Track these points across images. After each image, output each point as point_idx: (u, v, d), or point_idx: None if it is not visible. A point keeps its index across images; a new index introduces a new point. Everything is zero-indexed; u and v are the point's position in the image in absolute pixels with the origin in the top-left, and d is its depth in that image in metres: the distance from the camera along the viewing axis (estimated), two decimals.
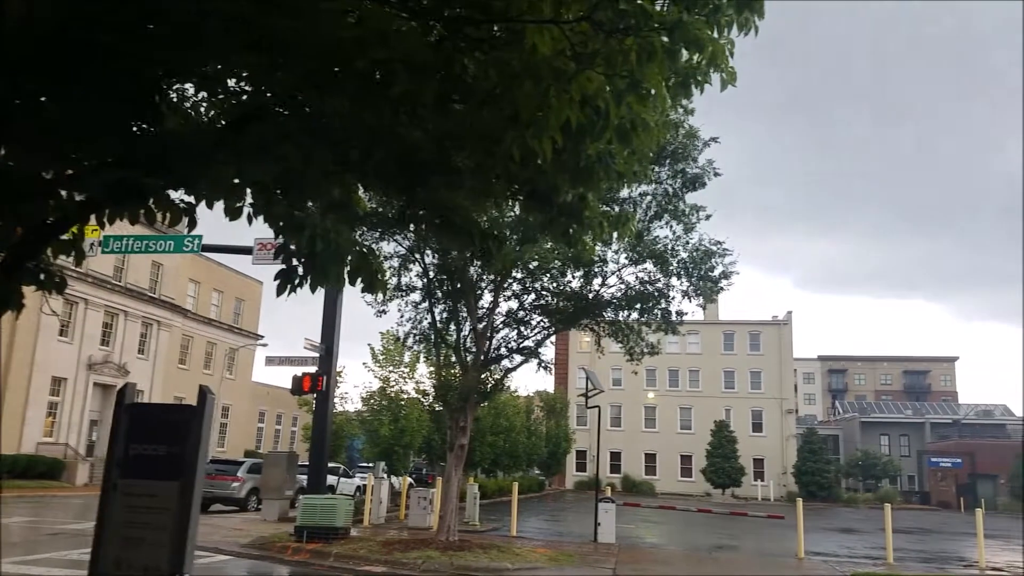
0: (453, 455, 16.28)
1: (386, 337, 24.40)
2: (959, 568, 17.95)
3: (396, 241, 16.33)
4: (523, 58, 3.03)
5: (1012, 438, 60.38)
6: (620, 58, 3.11)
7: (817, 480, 55.91)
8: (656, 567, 15.67)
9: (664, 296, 16.33)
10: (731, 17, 3.73)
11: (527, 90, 3.15)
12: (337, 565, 13.94)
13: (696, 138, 15.05)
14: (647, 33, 3.12)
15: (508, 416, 36.57)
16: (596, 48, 3.12)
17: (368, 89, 3.84)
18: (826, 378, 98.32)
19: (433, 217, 4.41)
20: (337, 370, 20.24)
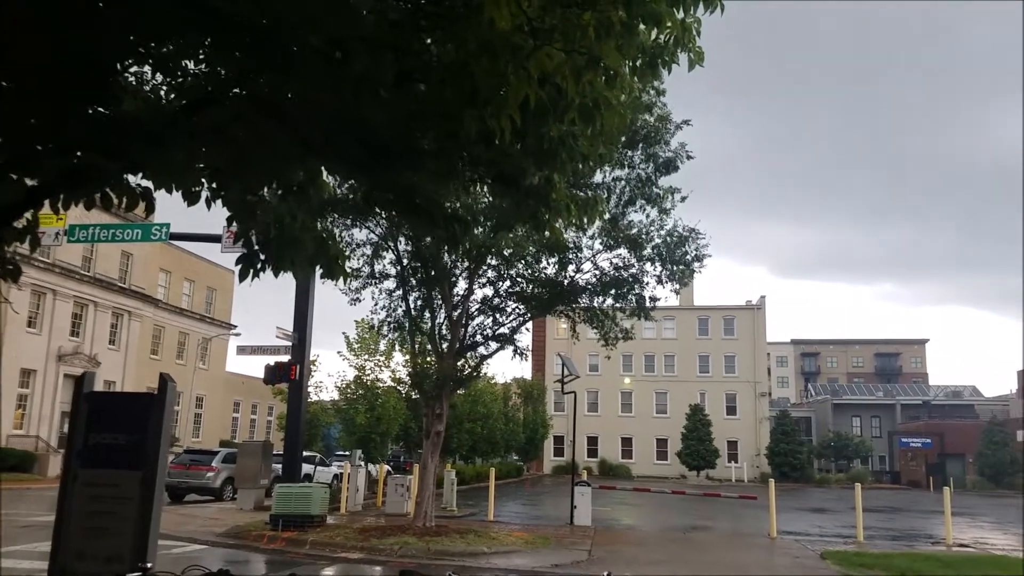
0: (429, 442, 16.26)
1: (361, 326, 24.25)
2: (927, 545, 18.29)
3: (368, 228, 16.22)
4: (480, 34, 2.98)
5: (980, 418, 61.60)
6: (578, 33, 3.07)
7: (790, 461, 56.71)
8: (631, 548, 15.80)
9: (638, 281, 16.37)
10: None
11: (484, 67, 3.10)
12: (313, 552, 13.92)
13: (668, 121, 15.04)
14: (604, 7, 3.08)
15: (485, 403, 36.61)
16: (554, 23, 3.07)
17: (326, 69, 3.77)
18: (799, 361, 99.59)
19: (397, 200, 4.36)
20: (311, 359, 20.11)
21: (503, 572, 12.44)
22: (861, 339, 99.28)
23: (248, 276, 4.31)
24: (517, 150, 4.08)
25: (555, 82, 3.23)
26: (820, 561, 14.50)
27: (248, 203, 3.88)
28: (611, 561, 13.69)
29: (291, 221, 3.75)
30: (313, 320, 18.24)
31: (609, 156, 4.54)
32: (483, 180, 4.66)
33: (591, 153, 4.03)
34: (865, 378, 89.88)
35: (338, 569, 12.62)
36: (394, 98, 3.66)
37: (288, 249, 3.79)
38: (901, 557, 14.53)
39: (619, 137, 4.33)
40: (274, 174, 4.35)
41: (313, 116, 4.17)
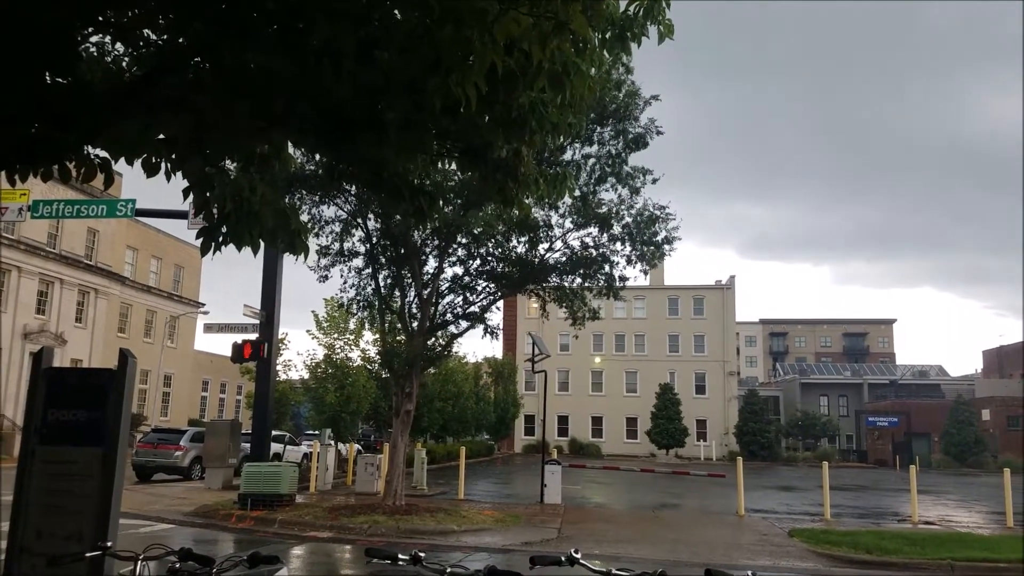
0: (399, 421, 16.23)
1: (330, 304, 24.05)
2: (893, 522, 18.67)
3: (337, 205, 16.03)
4: None
5: (946, 398, 62.93)
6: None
7: (758, 440, 57.60)
8: (600, 525, 15.95)
9: (608, 260, 16.39)
10: None
11: (449, 34, 3.02)
12: (282, 531, 13.89)
13: (637, 96, 14.96)
14: None
15: (456, 382, 36.64)
16: None
17: (287, 39, 3.66)
18: (767, 341, 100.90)
19: (363, 173, 4.26)
20: (279, 337, 19.92)
21: (473, 550, 12.50)
22: (829, 319, 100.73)
23: (209, 250, 4.21)
24: (485, 122, 4.01)
25: (522, 48, 3.15)
26: (788, 539, 14.74)
27: (207, 175, 3.76)
28: (580, 539, 13.81)
29: (250, 194, 3.64)
30: (281, 298, 18.04)
31: (579, 125, 4.48)
32: (451, 154, 4.59)
33: (560, 122, 3.97)
34: (833, 358, 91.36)
35: (307, 548, 12.58)
36: (357, 68, 3.56)
37: (247, 223, 3.69)
38: (868, 535, 14.79)
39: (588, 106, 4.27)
40: (235, 146, 4.24)
41: (275, 87, 4.06)
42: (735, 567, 7.75)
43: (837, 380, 74.22)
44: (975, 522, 19.23)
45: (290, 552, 12.05)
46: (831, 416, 68.48)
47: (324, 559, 11.99)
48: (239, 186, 3.74)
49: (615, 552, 12.63)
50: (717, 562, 11.80)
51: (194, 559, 3.33)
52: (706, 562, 10.99)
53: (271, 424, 19.65)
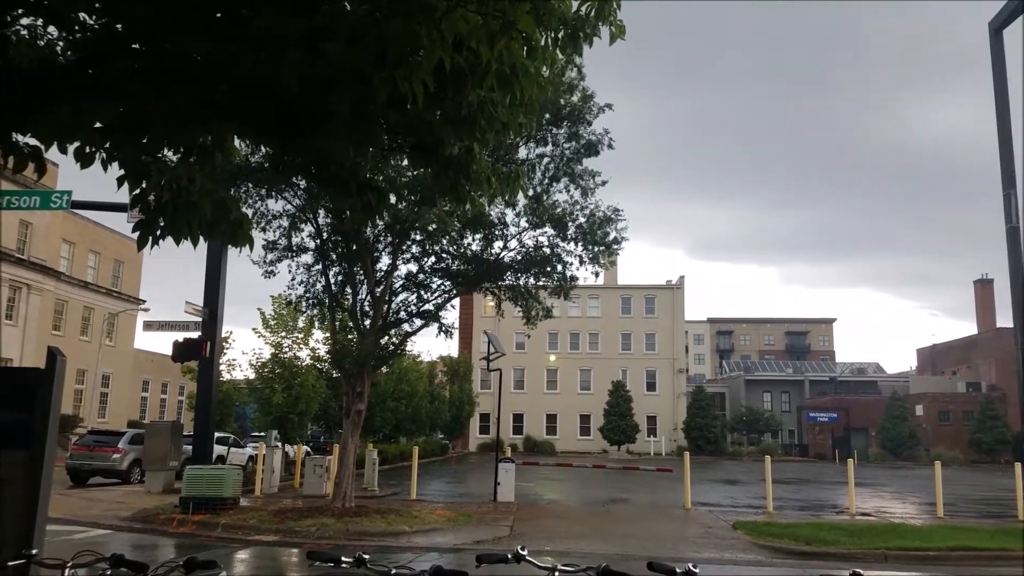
0: (350, 421, 15.99)
1: (277, 301, 23.58)
2: (832, 514, 19.15)
3: (285, 199, 15.72)
4: None
5: (883, 394, 64.89)
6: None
7: (705, 435, 58.64)
8: (553, 522, 15.99)
9: (561, 260, 16.45)
10: None
11: (396, 27, 2.95)
12: (226, 536, 13.55)
13: (591, 101, 15.09)
14: None
15: (410, 381, 36.33)
16: None
17: (230, 26, 3.54)
18: (714, 339, 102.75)
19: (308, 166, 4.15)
20: (223, 335, 19.47)
21: (424, 550, 12.39)
22: (772, 318, 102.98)
23: (147, 244, 4.05)
24: (436, 118, 3.94)
25: (471, 46, 3.10)
26: (732, 531, 15.00)
27: (143, 164, 3.61)
28: (532, 535, 13.82)
29: (189, 184, 3.50)
30: (225, 295, 17.62)
31: (529, 125, 4.45)
32: (401, 149, 4.51)
33: (511, 122, 3.93)
34: (776, 355, 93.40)
35: (251, 552, 12.31)
36: (303, 58, 3.46)
37: (185, 214, 3.55)
38: (808, 527, 15.15)
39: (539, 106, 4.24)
40: (174, 135, 4.09)
41: (218, 76, 3.92)
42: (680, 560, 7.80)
43: (780, 377, 75.94)
44: (909, 513, 19.85)
45: (233, 556, 11.78)
46: (774, 412, 70.10)
47: (268, 563, 11.75)
48: (177, 176, 3.60)
49: (566, 548, 12.67)
50: (664, 555, 11.93)
51: (127, 566, 3.18)
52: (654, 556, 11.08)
53: (214, 425, 19.22)
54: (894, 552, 12.66)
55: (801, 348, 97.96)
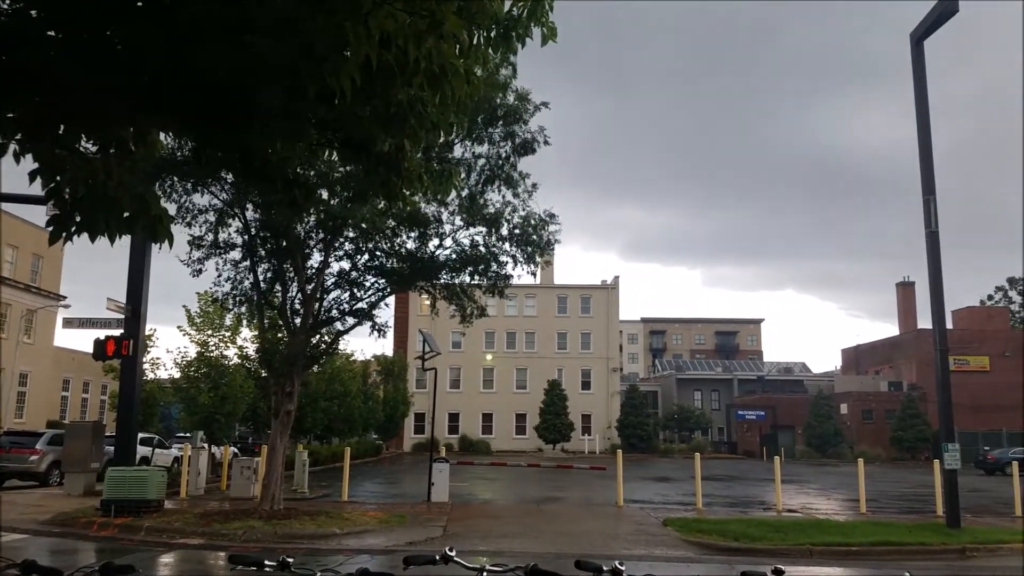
0: (279, 422, 15.66)
1: (204, 298, 22.94)
2: (760, 510, 19.68)
3: (212, 193, 15.30)
4: None
5: (808, 393, 66.99)
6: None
7: (638, 433, 59.56)
8: (486, 521, 16.00)
9: (496, 259, 16.47)
10: None
11: (322, 23, 2.90)
12: (149, 539, 13.16)
13: (527, 100, 15.14)
14: None
15: (343, 381, 35.83)
16: None
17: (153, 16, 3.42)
18: (648, 339, 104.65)
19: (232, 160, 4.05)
20: (147, 333, 18.85)
21: (355, 552, 12.24)
22: (703, 318, 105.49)
23: (60, 239, 3.88)
24: (366, 114, 3.89)
25: (399, 44, 3.07)
26: (662, 528, 15.28)
27: (58, 157, 3.46)
28: (466, 535, 13.81)
29: (105, 178, 3.37)
30: (149, 292, 17.06)
31: (460, 125, 4.43)
32: (331, 144, 4.44)
33: (441, 121, 3.91)
34: (707, 354, 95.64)
35: (175, 556, 11.95)
36: (229, 50, 3.36)
37: (101, 210, 3.41)
38: (736, 523, 15.54)
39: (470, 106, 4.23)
40: (92, 127, 3.93)
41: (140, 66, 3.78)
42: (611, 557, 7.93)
43: (710, 376, 77.74)
44: (833, 509, 20.52)
45: (157, 560, 11.40)
46: (704, 410, 71.72)
47: (191, 567, 11.41)
48: (93, 170, 3.45)
49: (499, 547, 12.70)
50: (596, 553, 12.08)
51: (39, 572, 3.04)
52: (586, 553, 11.20)
53: (137, 426, 18.61)
54: (819, 548, 13.02)
55: (730, 348, 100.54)
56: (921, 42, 16.71)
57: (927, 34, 16.53)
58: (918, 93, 16.79)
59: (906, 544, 13.48)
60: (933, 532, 14.72)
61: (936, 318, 16.45)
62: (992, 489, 28.41)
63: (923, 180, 16.65)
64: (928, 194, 16.51)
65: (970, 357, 58.28)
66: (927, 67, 16.76)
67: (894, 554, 13.00)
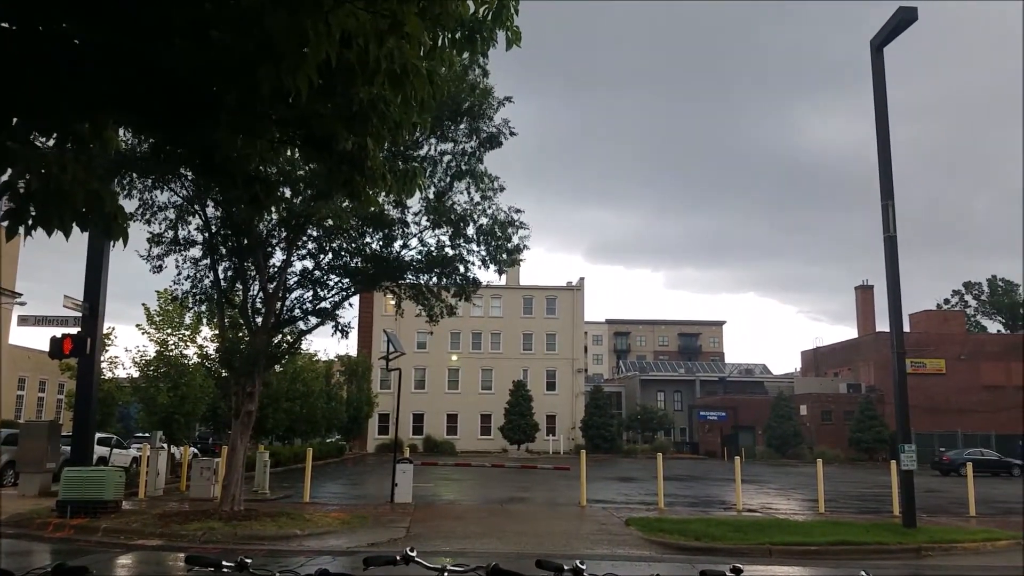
0: (239, 422, 15.47)
1: (163, 296, 22.57)
2: (720, 510, 19.92)
3: (172, 190, 15.06)
4: None
5: (769, 394, 67.96)
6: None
7: (602, 433, 59.90)
8: (449, 522, 15.99)
9: (463, 261, 16.46)
10: None
11: (281, 20, 2.88)
12: (106, 540, 12.97)
13: (491, 95, 15.13)
14: None
15: (306, 381, 35.47)
16: None
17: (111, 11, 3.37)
18: (612, 340, 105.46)
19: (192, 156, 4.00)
20: (105, 331, 18.49)
21: (316, 554, 12.14)
22: (667, 320, 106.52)
23: (15, 234, 3.80)
24: (328, 111, 3.87)
25: (360, 43, 3.07)
26: (625, 527, 15.41)
27: (9, 150, 3.39)
28: (429, 536, 13.78)
29: (60, 173, 3.31)
30: (108, 289, 16.75)
31: (424, 124, 4.43)
32: (292, 142, 4.40)
33: (404, 120, 3.91)
34: (670, 356, 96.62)
35: (132, 557, 11.76)
36: (190, 46, 3.33)
37: (56, 205, 3.35)
38: (697, 522, 15.72)
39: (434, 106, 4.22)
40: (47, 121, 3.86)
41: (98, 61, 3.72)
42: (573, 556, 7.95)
43: (673, 377, 78.47)
44: (792, 509, 20.86)
45: (113, 562, 11.22)
46: (667, 410, 72.37)
47: (149, 569, 11.26)
48: (47, 164, 3.39)
49: (462, 548, 12.70)
50: (559, 552, 12.14)
51: None
52: (548, 553, 11.26)
53: (95, 426, 18.25)
54: (778, 547, 13.22)
55: (693, 349, 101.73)
56: (881, 49, 17.04)
57: (887, 41, 16.87)
58: (878, 99, 17.12)
59: (864, 543, 13.73)
60: (890, 532, 15.02)
61: (893, 321, 16.78)
62: (947, 490, 29.08)
63: (882, 185, 16.98)
64: (887, 199, 16.83)
65: (927, 360, 59.62)
66: (887, 73, 17.12)
67: (852, 553, 13.25)
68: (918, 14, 16.16)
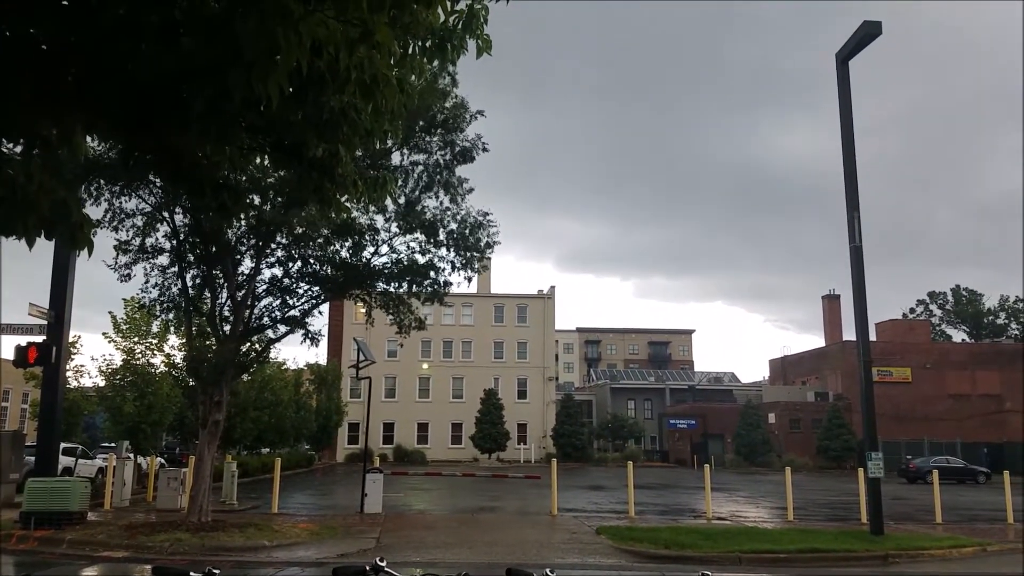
0: (207, 432, 15.28)
1: (130, 304, 22.24)
2: (690, 518, 20.02)
3: (140, 197, 14.87)
4: None
5: (738, 402, 68.55)
6: (351, 4, 2.95)
7: (572, 442, 59.92)
8: (420, 532, 15.90)
9: (434, 267, 16.44)
10: None
11: (252, 27, 2.89)
12: (71, 552, 12.74)
13: (464, 109, 15.21)
14: None
15: (274, 390, 35.09)
16: None
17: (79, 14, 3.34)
18: (583, 348, 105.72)
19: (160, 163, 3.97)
20: (70, 340, 18.16)
21: (285, 565, 12.01)
22: (637, 328, 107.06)
23: None
24: (298, 119, 3.87)
25: (330, 51, 3.08)
26: (595, 536, 15.44)
27: None
28: (399, 547, 13.69)
29: (25, 180, 3.27)
30: (73, 297, 16.47)
31: (396, 133, 4.44)
32: (262, 149, 4.39)
33: (376, 129, 3.93)
34: (640, 364, 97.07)
35: (98, 569, 11.56)
36: (157, 50, 3.31)
37: (20, 213, 3.31)
38: (667, 530, 15.79)
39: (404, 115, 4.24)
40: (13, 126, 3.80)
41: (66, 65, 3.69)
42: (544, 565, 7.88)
43: (643, 385, 78.79)
44: (761, 517, 21.04)
45: (78, 574, 11.01)
46: (637, 419, 72.56)
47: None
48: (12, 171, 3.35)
49: (432, 557, 12.64)
50: (529, 561, 12.14)
51: None
52: (519, 562, 11.25)
53: (60, 436, 17.90)
54: (747, 555, 13.34)
55: (663, 357, 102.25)
56: (846, 62, 17.36)
57: (852, 54, 17.18)
58: (843, 111, 17.43)
59: (832, 551, 13.88)
60: (858, 539, 15.22)
61: (860, 330, 17.01)
62: (914, 497, 29.53)
63: (847, 196, 17.26)
64: (852, 210, 17.10)
65: (893, 368, 60.60)
66: (852, 85, 17.44)
67: (820, 561, 13.40)
68: (882, 28, 16.51)
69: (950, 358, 63.87)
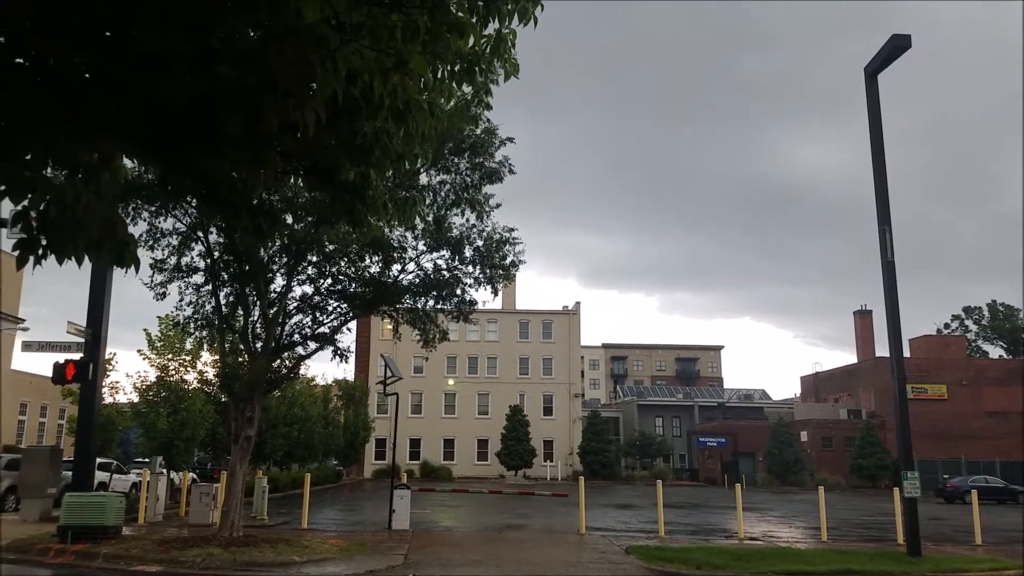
0: (238, 448, 15.46)
1: (165, 322, 22.67)
2: (722, 538, 19.75)
3: (176, 217, 15.21)
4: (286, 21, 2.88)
5: (769, 420, 67.67)
6: (386, 34, 3.05)
7: (599, 459, 59.54)
8: (448, 549, 15.89)
9: (460, 283, 16.58)
10: (509, 6, 3.79)
11: (289, 57, 3.00)
12: (106, 566, 12.92)
13: (494, 135, 15.44)
14: (410, 10, 3.10)
15: (303, 406, 35.40)
16: (361, 20, 3.04)
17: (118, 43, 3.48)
18: (609, 364, 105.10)
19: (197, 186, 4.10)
20: (107, 357, 18.53)
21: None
22: (664, 344, 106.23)
23: (27, 263, 3.89)
24: (332, 143, 3.98)
25: (365, 80, 3.19)
26: (625, 556, 15.30)
27: (25, 179, 3.48)
28: (427, 564, 13.70)
29: (75, 202, 3.41)
30: (110, 315, 16.83)
31: (426, 156, 4.55)
32: (296, 172, 4.51)
33: (407, 152, 4.02)
34: (667, 380, 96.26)
35: None
36: (195, 79, 3.44)
37: (71, 233, 3.44)
38: (698, 551, 15.59)
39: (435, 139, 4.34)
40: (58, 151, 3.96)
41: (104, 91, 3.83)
42: None
43: (671, 402, 78.12)
44: (794, 537, 20.65)
45: None
46: (665, 436, 71.94)
47: None
48: (63, 193, 3.49)
49: (460, 575, 12.63)
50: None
51: None
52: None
53: (95, 451, 18.22)
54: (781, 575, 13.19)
55: (691, 374, 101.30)
56: (875, 76, 17.21)
57: (881, 68, 17.03)
58: (872, 126, 17.24)
59: (867, 572, 13.57)
60: (894, 560, 14.89)
61: (894, 346, 16.69)
62: (952, 517, 28.86)
63: (878, 211, 17.03)
64: (883, 224, 16.86)
65: (928, 385, 59.46)
66: (882, 98, 17.28)
67: None
68: (911, 41, 16.37)
69: (987, 374, 62.53)
